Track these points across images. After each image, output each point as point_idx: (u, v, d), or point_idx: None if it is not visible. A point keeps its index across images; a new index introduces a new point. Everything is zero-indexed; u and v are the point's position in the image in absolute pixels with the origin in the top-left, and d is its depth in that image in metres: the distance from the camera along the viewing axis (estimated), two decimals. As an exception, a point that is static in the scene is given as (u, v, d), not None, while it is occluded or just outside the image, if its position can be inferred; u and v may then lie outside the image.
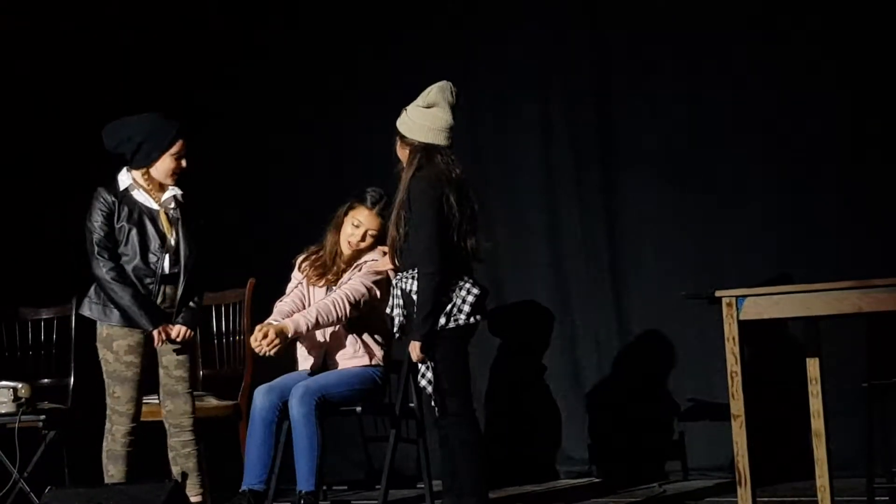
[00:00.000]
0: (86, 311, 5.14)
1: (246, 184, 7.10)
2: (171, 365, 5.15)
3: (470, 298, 4.68)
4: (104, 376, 5.09)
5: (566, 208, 6.58)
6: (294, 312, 5.19)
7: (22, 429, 5.43)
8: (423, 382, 4.69)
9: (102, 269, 5.02)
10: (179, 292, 5.11)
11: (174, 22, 7.18)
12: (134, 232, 5.05)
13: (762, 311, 4.41)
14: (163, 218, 5.11)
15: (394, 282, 4.88)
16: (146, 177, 5.12)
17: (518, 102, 6.69)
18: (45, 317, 6.02)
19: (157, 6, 7.16)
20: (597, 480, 6.36)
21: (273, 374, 5.34)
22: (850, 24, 5.92)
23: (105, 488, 4.74)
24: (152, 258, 5.06)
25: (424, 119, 4.77)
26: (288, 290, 5.39)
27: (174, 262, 5.11)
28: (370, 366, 5.22)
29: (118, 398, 5.06)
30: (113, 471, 5.06)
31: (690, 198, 6.29)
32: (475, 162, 6.75)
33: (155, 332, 5.03)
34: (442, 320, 4.65)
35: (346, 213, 5.35)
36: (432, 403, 4.67)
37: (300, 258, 5.42)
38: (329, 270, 5.32)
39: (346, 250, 5.34)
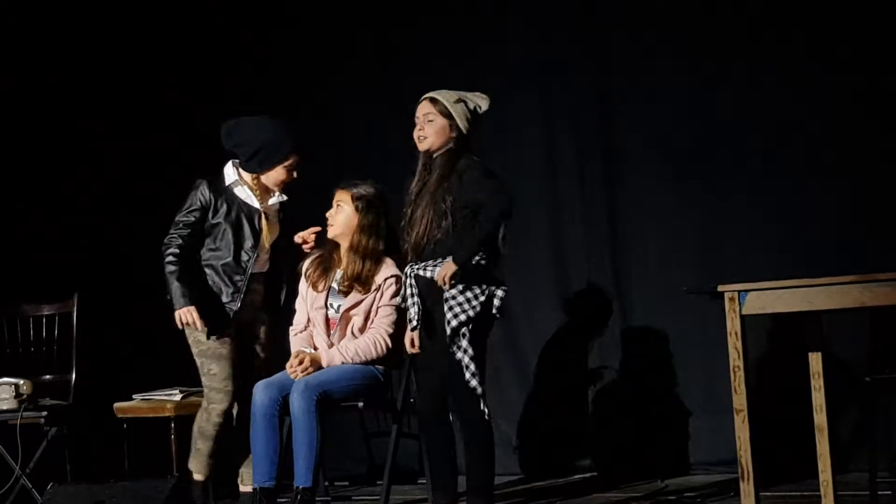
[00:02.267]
0: None
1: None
2: (260, 346, 5.29)
3: (499, 293, 4.78)
4: (196, 358, 5.16)
5: (568, 205, 6.59)
6: (309, 336, 5.24)
7: (24, 425, 5.45)
8: (474, 382, 4.73)
9: (164, 251, 5.12)
10: (283, 288, 5.29)
11: (177, 20, 7.17)
12: (229, 230, 5.15)
13: (764, 305, 4.41)
14: (264, 221, 5.19)
15: (408, 271, 4.88)
16: (255, 180, 5.21)
17: (520, 101, 6.68)
18: (46, 313, 6.02)
19: (159, 5, 7.15)
20: (599, 476, 6.36)
21: (275, 371, 5.34)
22: (850, 22, 5.92)
23: (107, 485, 4.75)
24: (244, 257, 5.16)
25: (475, 122, 4.90)
26: (297, 304, 5.37)
27: (269, 261, 5.25)
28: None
29: (215, 375, 5.12)
30: (201, 445, 5.16)
31: (692, 194, 6.29)
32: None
33: (181, 314, 5.07)
34: (478, 308, 4.72)
35: None
36: (469, 381, 4.71)
37: (305, 264, 5.37)
38: (328, 272, 5.28)
39: (329, 235, 5.25)
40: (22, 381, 5.57)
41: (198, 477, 5.18)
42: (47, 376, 5.94)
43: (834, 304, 4.33)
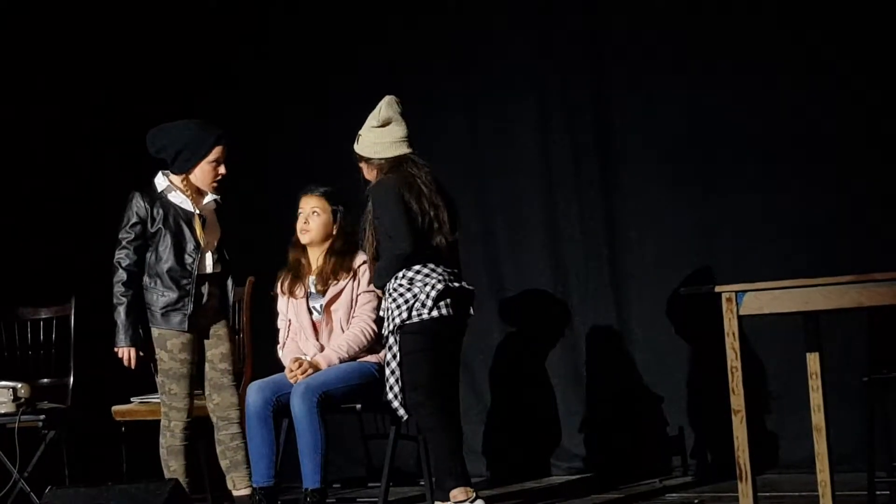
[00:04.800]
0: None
1: (245, 182, 7.08)
2: (215, 359, 5.28)
3: (433, 294, 4.79)
4: (157, 375, 5.20)
5: (565, 205, 6.58)
6: (298, 349, 5.29)
7: (22, 429, 5.44)
8: (390, 396, 4.86)
9: (113, 276, 5.20)
10: (231, 289, 5.32)
11: (173, 21, 7.16)
12: (169, 235, 5.17)
13: (762, 306, 4.41)
14: (197, 222, 5.20)
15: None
16: (185, 182, 5.24)
17: (517, 100, 6.69)
18: (44, 316, 6.02)
19: (157, 4, 7.14)
20: (596, 476, 6.36)
21: (272, 372, 5.35)
22: (849, 22, 5.91)
23: (105, 488, 4.73)
24: (188, 259, 5.18)
25: (383, 137, 4.98)
26: (280, 324, 5.40)
27: (218, 262, 5.27)
28: (368, 360, 5.23)
29: (175, 395, 5.17)
30: (174, 465, 5.18)
31: (690, 194, 6.29)
32: (474, 160, 6.76)
33: (120, 351, 5.15)
34: (404, 314, 4.78)
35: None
36: (398, 414, 4.85)
37: (277, 285, 5.44)
38: (303, 279, 5.33)
39: (305, 241, 5.35)
40: (20, 385, 5.56)
41: None
42: (45, 380, 5.94)
43: (831, 305, 4.33)
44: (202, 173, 5.22)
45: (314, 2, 7.12)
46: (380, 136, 4.97)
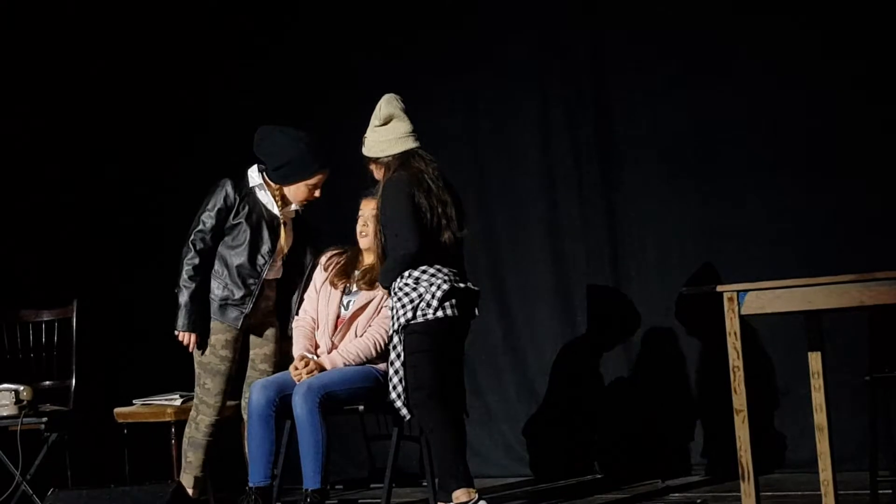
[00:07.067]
0: None
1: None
2: (257, 359, 5.33)
3: (438, 294, 4.78)
4: (196, 367, 5.22)
5: (566, 205, 6.59)
6: (311, 333, 5.27)
7: (24, 431, 5.45)
8: (393, 395, 4.85)
9: (185, 256, 5.16)
10: (298, 293, 5.33)
11: (174, 22, 7.16)
12: (248, 232, 5.19)
13: (764, 305, 4.41)
14: (282, 228, 5.24)
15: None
16: (278, 188, 5.24)
17: (518, 100, 6.69)
18: (46, 319, 6.01)
19: (156, 5, 7.15)
20: (599, 476, 6.36)
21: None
22: (848, 21, 5.91)
23: (108, 490, 4.74)
24: (260, 261, 5.21)
25: (387, 134, 4.96)
26: (308, 294, 5.39)
27: (282, 267, 5.29)
28: (372, 365, 5.23)
29: (208, 389, 5.19)
30: (192, 457, 5.22)
31: (691, 193, 6.29)
32: (476, 160, 6.76)
33: (181, 334, 5.14)
34: (409, 314, 4.77)
35: None
36: (401, 414, 4.84)
37: (325, 256, 5.42)
38: (349, 272, 5.33)
39: (364, 245, 5.32)
40: (22, 388, 5.57)
41: (190, 493, 5.20)
42: (47, 382, 5.94)
43: (833, 304, 4.32)
44: (297, 191, 5.23)
45: (314, 2, 7.12)
46: (384, 134, 4.96)
